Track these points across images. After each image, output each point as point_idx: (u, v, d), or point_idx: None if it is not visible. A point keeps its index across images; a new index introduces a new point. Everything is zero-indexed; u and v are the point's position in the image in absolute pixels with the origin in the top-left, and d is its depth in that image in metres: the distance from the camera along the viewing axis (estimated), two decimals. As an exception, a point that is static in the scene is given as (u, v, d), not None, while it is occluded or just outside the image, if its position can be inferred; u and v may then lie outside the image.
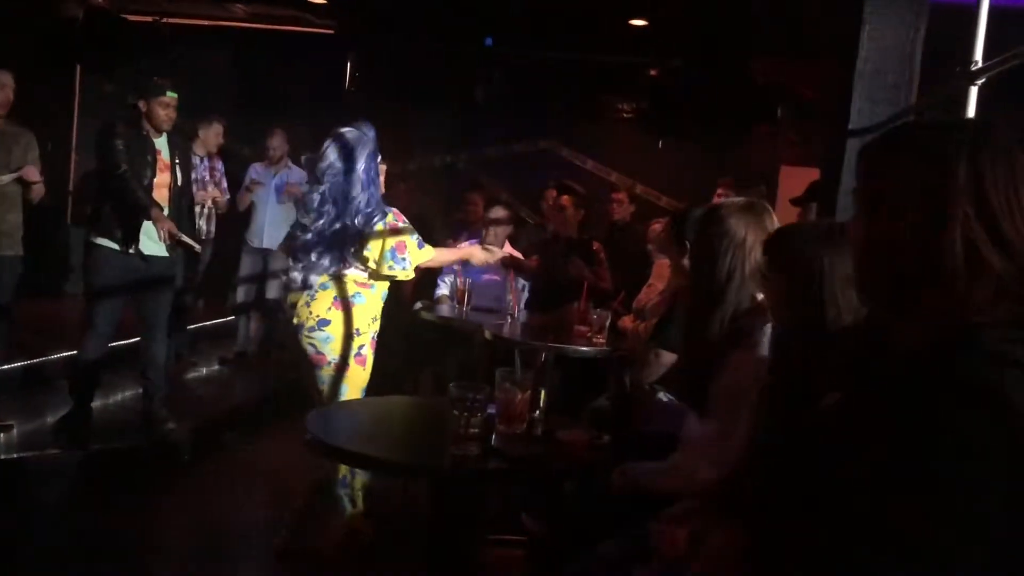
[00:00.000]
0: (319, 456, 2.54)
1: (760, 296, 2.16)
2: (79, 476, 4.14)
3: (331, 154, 3.37)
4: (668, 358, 3.10)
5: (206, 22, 8.06)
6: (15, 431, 4.43)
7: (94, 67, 7.97)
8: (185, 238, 4.48)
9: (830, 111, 3.17)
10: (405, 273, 3.43)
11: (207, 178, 6.21)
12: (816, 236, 1.84)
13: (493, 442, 2.26)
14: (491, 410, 2.27)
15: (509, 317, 4.63)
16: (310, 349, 3.35)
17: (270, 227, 6.55)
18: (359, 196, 3.34)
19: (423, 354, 5.03)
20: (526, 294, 5.07)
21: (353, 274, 3.38)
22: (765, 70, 7.23)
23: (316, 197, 3.36)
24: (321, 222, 3.34)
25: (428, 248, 3.54)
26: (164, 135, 4.51)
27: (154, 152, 4.44)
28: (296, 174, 6.57)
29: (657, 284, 4.26)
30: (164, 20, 7.99)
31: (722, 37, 6.88)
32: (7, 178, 4.29)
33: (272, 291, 6.54)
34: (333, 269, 3.35)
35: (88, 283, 4.42)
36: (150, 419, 4.61)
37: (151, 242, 4.40)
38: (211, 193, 6.19)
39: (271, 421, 5.33)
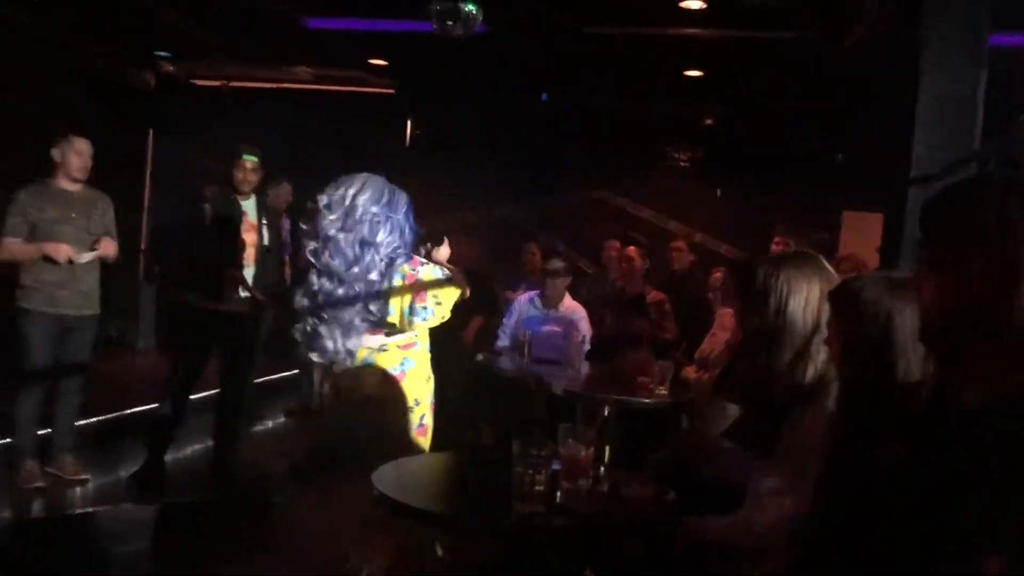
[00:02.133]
0: (386, 512, 2.56)
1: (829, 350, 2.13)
2: (151, 529, 4.22)
3: (364, 200, 2.89)
4: (733, 410, 3.07)
5: (271, 85, 8.35)
6: (90, 485, 4.55)
7: (165, 131, 8.30)
8: (257, 293, 4.61)
9: (891, 159, 3.15)
10: (438, 318, 2.99)
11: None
12: (884, 288, 1.81)
13: (558, 499, 2.26)
14: (555, 466, 2.28)
15: (570, 369, 4.64)
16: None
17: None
18: (383, 247, 2.90)
19: (484, 406, 5.05)
20: (587, 346, 5.08)
21: (393, 340, 2.97)
22: (821, 117, 7.20)
23: (348, 249, 2.87)
24: (354, 276, 2.88)
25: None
26: (252, 197, 4.71)
27: (240, 213, 4.63)
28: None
29: (720, 334, 4.24)
30: (231, 84, 8.30)
31: (777, 86, 6.88)
32: (88, 256, 4.45)
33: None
34: (374, 342, 2.95)
35: (169, 338, 4.56)
36: (222, 472, 4.71)
37: (231, 299, 4.57)
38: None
39: (338, 474, 5.37)
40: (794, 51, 6.04)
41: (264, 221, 4.72)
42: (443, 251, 4.75)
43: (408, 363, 2.99)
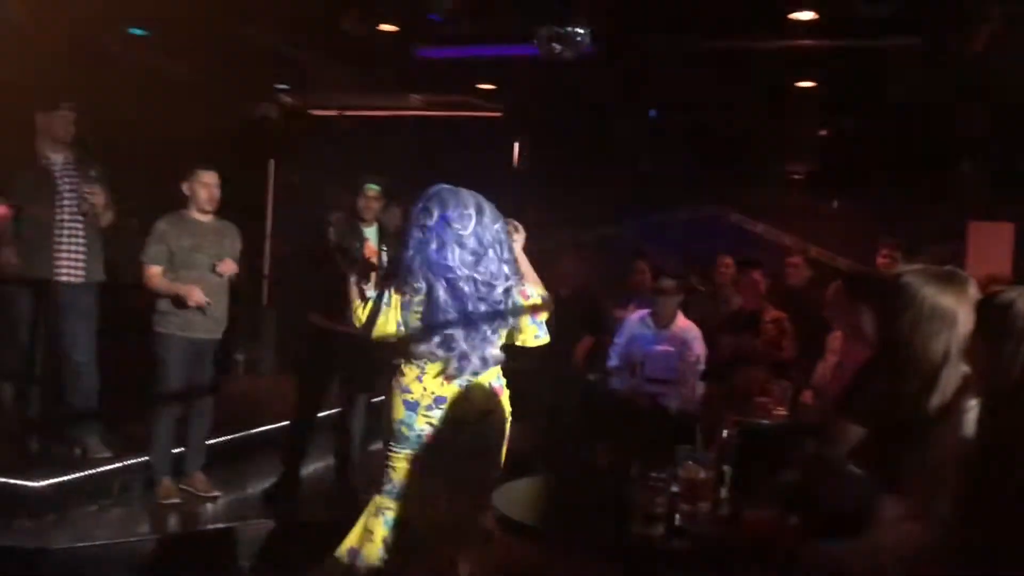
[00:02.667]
0: (505, 532, 2.59)
1: (967, 370, 2.03)
2: (279, 545, 4.37)
3: (487, 216, 3.04)
4: (856, 431, 2.97)
5: (384, 113, 8.61)
6: (220, 501, 4.76)
7: (286, 161, 8.66)
8: None
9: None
10: (546, 338, 3.18)
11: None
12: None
13: (677, 521, 2.25)
14: (674, 488, 2.27)
15: (684, 389, 4.59)
16: (423, 428, 3.06)
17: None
18: (506, 258, 3.07)
19: (598, 426, 5.04)
20: (701, 365, 5.01)
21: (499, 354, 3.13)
22: (941, 125, 6.94)
23: (492, 265, 3.00)
24: (488, 294, 3.01)
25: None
26: (375, 224, 4.89)
27: (362, 239, 4.80)
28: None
29: (831, 358, 4.11)
30: (347, 114, 8.61)
31: (893, 94, 6.67)
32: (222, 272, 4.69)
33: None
34: (495, 354, 3.09)
35: (298, 360, 4.75)
36: (343, 490, 4.86)
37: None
38: None
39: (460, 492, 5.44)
40: (910, 58, 5.85)
41: (384, 247, 4.88)
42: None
43: (501, 379, 3.13)
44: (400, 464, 3.10)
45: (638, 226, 8.74)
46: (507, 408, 3.13)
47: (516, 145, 8.48)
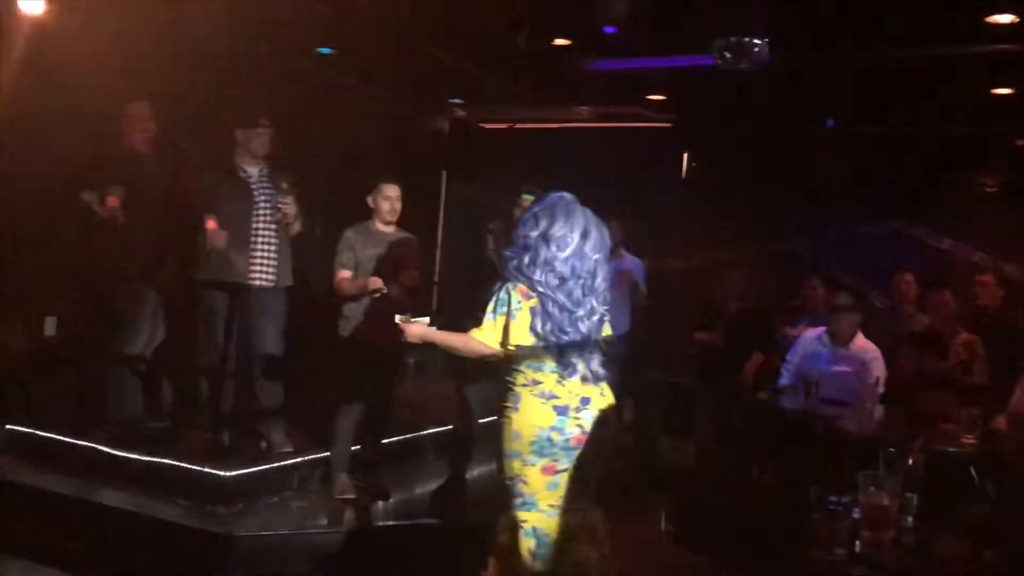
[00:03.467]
0: (674, 543, 2.57)
1: None
2: (445, 546, 4.49)
3: (592, 228, 3.22)
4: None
5: (553, 125, 8.71)
6: (392, 500, 4.94)
7: (457, 172, 8.93)
8: None
9: None
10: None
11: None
12: None
13: (858, 549, 2.16)
14: (856, 515, 2.18)
15: (862, 412, 4.39)
16: (574, 431, 3.11)
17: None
18: (607, 272, 3.29)
19: (768, 446, 4.90)
20: (881, 388, 4.77)
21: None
22: None
23: (575, 281, 3.16)
24: (585, 308, 3.17)
25: None
26: None
27: None
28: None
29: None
30: (517, 126, 8.77)
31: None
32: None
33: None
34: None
35: (464, 367, 4.88)
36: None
37: None
38: None
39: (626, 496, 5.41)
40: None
41: None
42: None
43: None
44: (534, 475, 3.11)
45: (812, 241, 8.42)
46: None
47: (685, 156, 8.37)
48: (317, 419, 5.11)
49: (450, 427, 5.35)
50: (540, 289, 3.11)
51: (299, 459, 4.93)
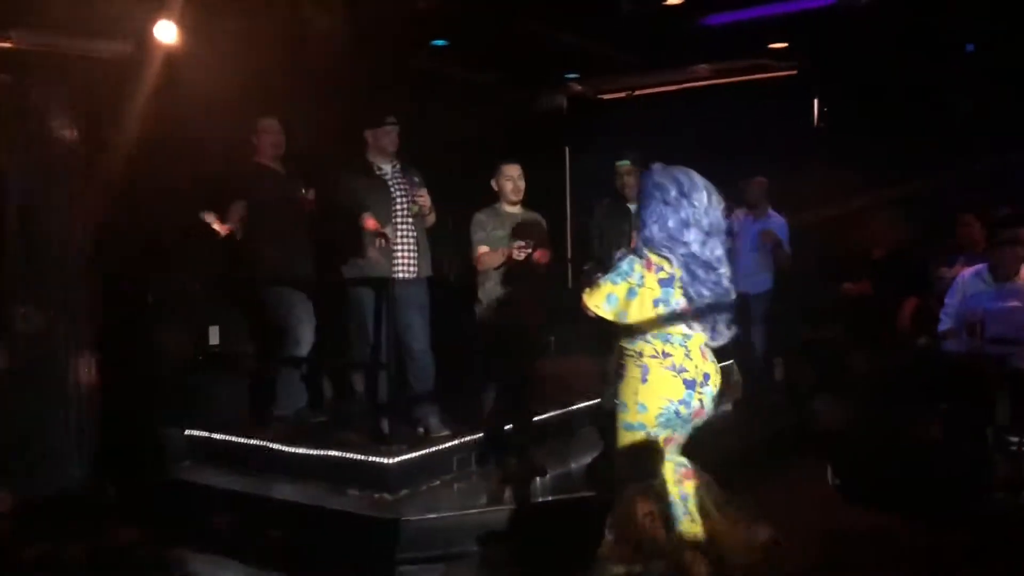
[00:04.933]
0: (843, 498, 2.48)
1: None
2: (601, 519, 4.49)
3: (714, 199, 3.21)
4: None
5: (673, 88, 8.53)
6: (548, 476, 5.00)
7: (579, 147, 8.90)
8: None
9: None
10: None
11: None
12: None
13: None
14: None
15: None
16: (696, 405, 3.19)
17: (746, 272, 6.65)
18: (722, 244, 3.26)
19: (934, 393, 4.67)
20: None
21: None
22: None
23: (717, 249, 3.21)
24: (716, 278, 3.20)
25: None
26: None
27: (629, 219, 4.87)
28: (774, 221, 6.61)
29: None
30: (635, 93, 8.65)
31: None
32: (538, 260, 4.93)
33: (756, 336, 6.62)
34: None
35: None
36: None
37: None
38: None
39: (766, 465, 5.30)
40: None
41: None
42: None
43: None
44: (648, 442, 3.18)
45: (958, 176, 7.93)
46: None
47: (815, 102, 8.04)
48: (468, 402, 5.22)
49: (598, 401, 5.37)
50: (684, 251, 3.10)
51: (455, 442, 5.04)
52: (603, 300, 3.16)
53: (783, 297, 6.64)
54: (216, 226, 4.96)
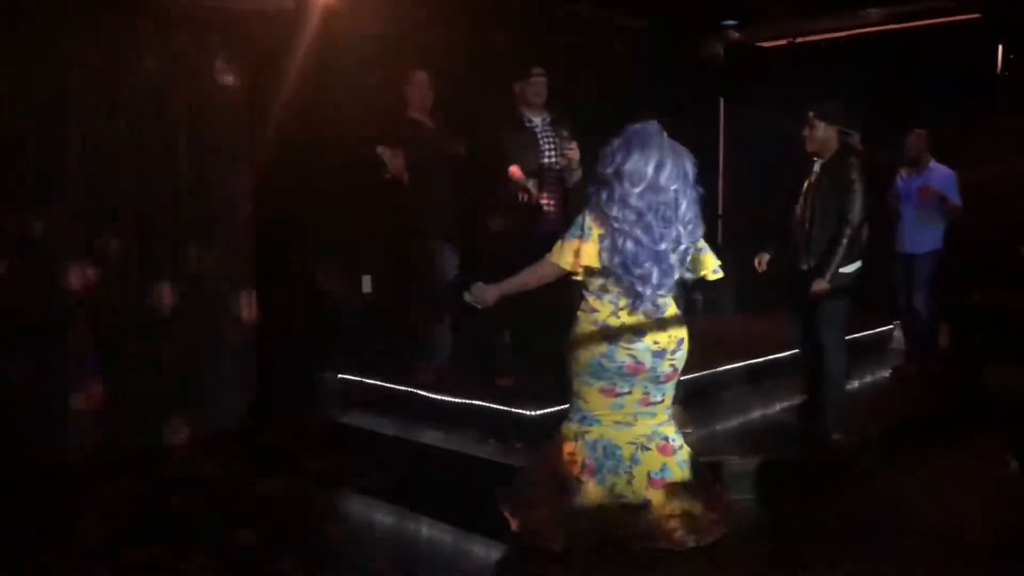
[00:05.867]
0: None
1: None
2: (750, 481, 4.37)
3: (668, 159, 3.27)
4: None
5: (840, 34, 8.03)
6: (693, 436, 4.90)
7: (736, 98, 8.55)
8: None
9: None
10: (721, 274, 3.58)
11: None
12: None
13: None
14: None
15: None
16: (669, 370, 3.42)
17: (910, 232, 6.27)
18: (693, 203, 3.33)
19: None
20: None
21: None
22: None
23: (655, 224, 3.28)
24: (666, 241, 3.28)
25: None
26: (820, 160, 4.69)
27: (810, 177, 4.69)
28: (936, 175, 6.19)
29: None
30: (797, 40, 8.20)
31: None
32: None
33: (919, 300, 6.25)
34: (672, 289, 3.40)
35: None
36: (818, 431, 4.75)
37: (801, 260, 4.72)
38: None
39: (932, 437, 5.03)
40: None
41: (829, 182, 4.60)
42: None
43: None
44: (594, 395, 3.37)
45: None
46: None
47: (1000, 49, 7.37)
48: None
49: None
50: (616, 225, 3.22)
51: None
52: (570, 255, 3.33)
53: (953, 258, 6.22)
54: (389, 160, 5.03)
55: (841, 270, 4.55)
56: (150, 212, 5.09)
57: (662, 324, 3.35)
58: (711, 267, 3.55)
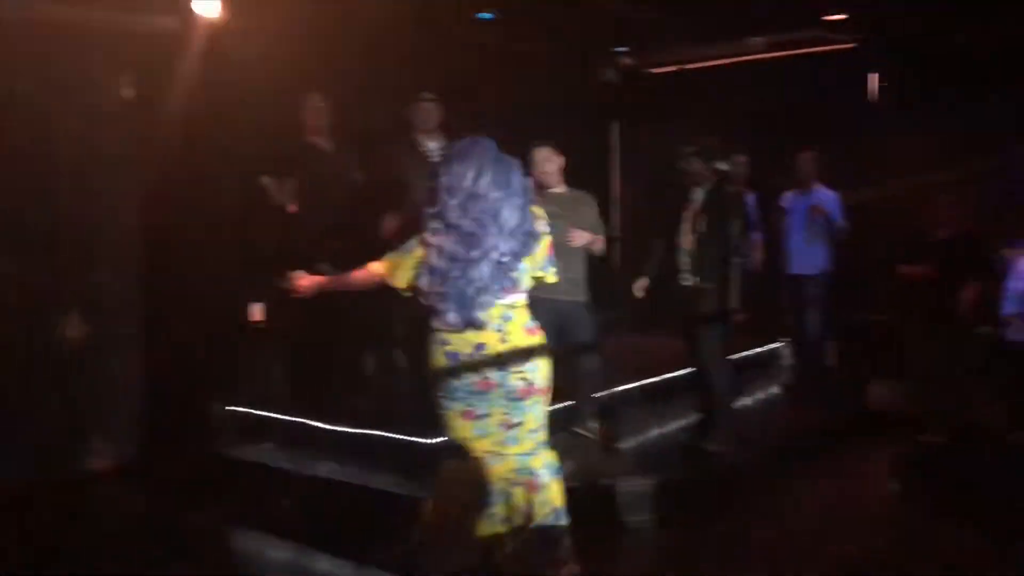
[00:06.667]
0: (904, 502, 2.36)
1: None
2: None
3: (488, 168, 3.17)
4: None
5: (725, 61, 8.30)
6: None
7: (629, 123, 8.73)
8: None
9: None
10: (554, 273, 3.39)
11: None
12: None
13: None
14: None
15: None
16: (520, 384, 3.20)
17: (798, 254, 6.48)
18: (518, 211, 3.18)
19: (998, 385, 4.49)
20: None
21: (521, 298, 3.28)
22: None
23: (474, 230, 3.16)
24: (480, 250, 3.16)
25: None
26: (702, 187, 4.88)
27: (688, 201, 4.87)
28: (821, 196, 6.43)
29: None
30: (687, 67, 8.44)
31: None
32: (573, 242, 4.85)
33: (808, 319, 6.47)
34: (510, 298, 3.22)
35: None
36: (704, 447, 4.86)
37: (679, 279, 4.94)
38: None
39: (821, 453, 5.18)
40: None
41: (708, 209, 4.79)
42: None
43: (533, 320, 3.30)
44: (456, 420, 3.24)
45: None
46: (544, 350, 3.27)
47: (875, 77, 7.75)
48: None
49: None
50: (434, 240, 3.16)
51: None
52: (397, 271, 3.27)
53: (838, 279, 6.47)
54: (275, 193, 4.89)
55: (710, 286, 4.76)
56: (29, 239, 4.86)
57: (507, 336, 3.22)
58: (540, 266, 3.39)
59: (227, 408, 5.49)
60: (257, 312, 5.89)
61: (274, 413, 5.32)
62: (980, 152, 7.53)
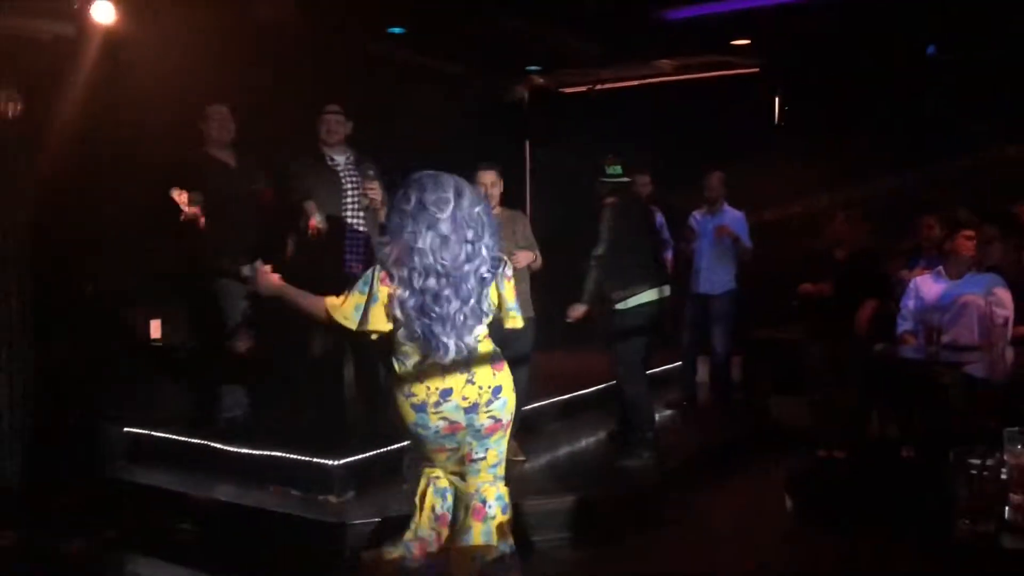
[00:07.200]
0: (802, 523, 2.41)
1: None
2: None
3: (464, 187, 3.11)
4: None
5: (635, 83, 8.45)
6: (525, 466, 4.95)
7: (540, 141, 8.79)
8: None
9: None
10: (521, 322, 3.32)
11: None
12: None
13: (1007, 516, 1.97)
14: (1003, 476, 1.98)
15: (992, 356, 4.09)
16: (488, 423, 3.15)
17: (706, 273, 6.58)
18: (486, 241, 3.09)
19: (891, 402, 4.63)
20: (1010, 328, 4.45)
21: (485, 330, 3.18)
22: None
23: (458, 247, 3.05)
24: (461, 278, 3.06)
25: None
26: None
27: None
28: (729, 216, 6.55)
29: None
30: (597, 88, 8.56)
31: None
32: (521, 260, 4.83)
33: (716, 336, 6.58)
34: (481, 331, 3.15)
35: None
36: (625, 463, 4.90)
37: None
38: None
39: (725, 469, 5.27)
40: None
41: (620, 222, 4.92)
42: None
43: (499, 354, 3.22)
44: (428, 451, 3.23)
45: (919, 177, 7.93)
46: (510, 384, 3.21)
47: (777, 100, 8.00)
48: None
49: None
50: (416, 262, 3.01)
51: (406, 442, 4.90)
52: (351, 310, 3.09)
53: (742, 296, 6.61)
54: (182, 204, 4.68)
55: (632, 303, 4.78)
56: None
57: (474, 379, 3.13)
58: (512, 318, 3.30)
59: (123, 430, 5.27)
60: (155, 329, 5.69)
61: (171, 434, 5.13)
62: (880, 174, 7.86)
